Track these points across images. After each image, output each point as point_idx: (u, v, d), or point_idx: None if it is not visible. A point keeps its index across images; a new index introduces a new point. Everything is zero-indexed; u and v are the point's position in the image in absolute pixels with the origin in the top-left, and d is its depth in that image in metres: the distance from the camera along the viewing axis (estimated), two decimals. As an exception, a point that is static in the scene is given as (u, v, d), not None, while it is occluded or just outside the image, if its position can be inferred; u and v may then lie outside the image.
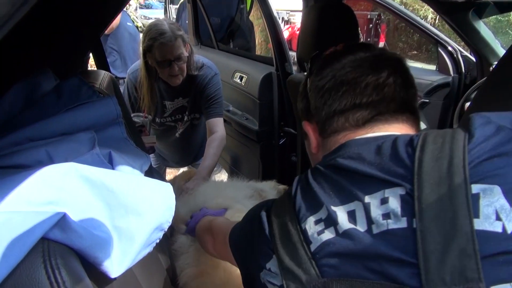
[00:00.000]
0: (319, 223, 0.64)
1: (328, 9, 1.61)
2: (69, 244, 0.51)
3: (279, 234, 0.68)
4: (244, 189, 1.64)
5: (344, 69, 0.76)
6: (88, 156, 0.68)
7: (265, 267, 0.69)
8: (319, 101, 0.78)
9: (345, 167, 0.66)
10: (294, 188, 0.71)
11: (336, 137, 0.77)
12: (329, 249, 0.61)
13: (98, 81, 1.33)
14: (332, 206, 0.63)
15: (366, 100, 0.74)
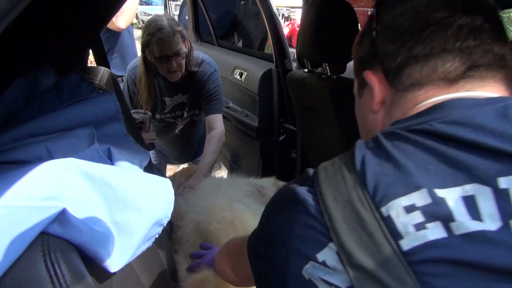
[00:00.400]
0: (413, 211, 0.46)
1: (327, 5, 1.60)
2: (68, 239, 0.52)
3: (341, 216, 0.50)
4: (244, 186, 1.64)
5: (431, 5, 0.60)
6: (87, 152, 0.68)
7: (315, 259, 0.51)
8: (394, 44, 0.61)
9: (454, 136, 0.48)
10: (358, 155, 0.53)
11: (416, 92, 0.59)
12: (437, 253, 0.45)
13: (97, 77, 1.33)
14: (436, 189, 0.46)
15: (461, 44, 0.57)
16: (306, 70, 1.87)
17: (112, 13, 1.70)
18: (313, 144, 2.12)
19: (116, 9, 1.75)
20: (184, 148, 2.47)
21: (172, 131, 2.29)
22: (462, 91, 0.57)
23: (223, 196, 1.51)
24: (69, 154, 0.66)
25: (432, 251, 0.44)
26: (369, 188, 0.49)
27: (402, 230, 0.46)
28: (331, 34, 1.58)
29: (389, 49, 0.62)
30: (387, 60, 0.63)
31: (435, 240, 0.44)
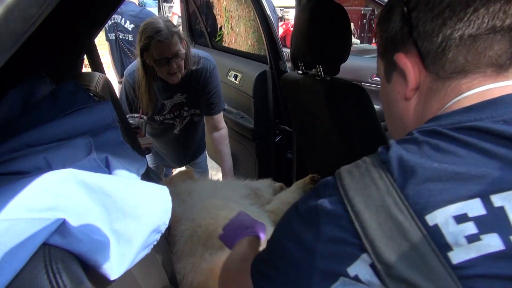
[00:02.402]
0: (465, 221, 0.42)
1: (320, 7, 1.62)
2: (69, 249, 0.53)
3: (375, 224, 0.45)
4: (240, 188, 1.66)
5: None
6: (85, 162, 0.69)
7: (346, 274, 0.46)
8: (433, 22, 0.53)
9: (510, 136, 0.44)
10: (394, 158, 0.48)
11: (459, 80, 0.53)
12: (494, 270, 0.40)
13: (93, 83, 1.33)
14: (492, 195, 0.42)
15: (511, 21, 0.49)
16: (300, 72, 1.88)
17: (107, 18, 1.71)
18: (308, 145, 2.14)
19: (110, 15, 1.75)
20: (183, 150, 2.46)
21: (171, 132, 2.27)
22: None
23: (219, 198, 1.52)
24: (67, 164, 0.67)
25: (488, 265, 0.40)
26: (409, 194, 0.45)
27: (452, 241, 0.42)
28: (324, 36, 1.60)
29: (427, 28, 0.54)
30: (425, 41, 0.54)
31: (490, 253, 0.40)
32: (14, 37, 0.30)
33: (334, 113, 1.66)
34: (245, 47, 3.21)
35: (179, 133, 2.28)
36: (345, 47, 1.62)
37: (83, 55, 1.79)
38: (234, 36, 3.35)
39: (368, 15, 7.01)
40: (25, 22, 0.30)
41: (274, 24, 2.44)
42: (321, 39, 1.61)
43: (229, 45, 3.36)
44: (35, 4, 0.29)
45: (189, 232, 1.36)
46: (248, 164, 2.72)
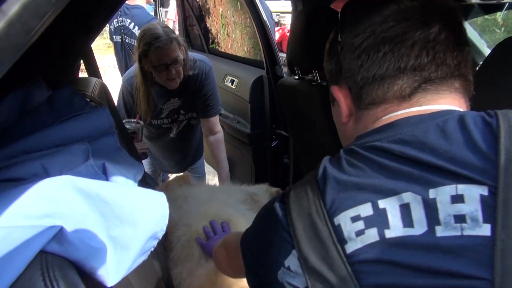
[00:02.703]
0: (357, 220, 0.53)
1: (316, 13, 1.63)
2: (66, 256, 0.53)
3: (301, 226, 0.57)
4: (236, 193, 1.66)
5: (387, 23, 0.61)
6: (82, 168, 0.69)
7: (284, 265, 0.59)
8: (354, 63, 0.64)
9: (398, 152, 0.54)
10: (322, 172, 0.59)
11: (375, 110, 0.64)
12: (371, 255, 0.52)
13: (89, 88, 1.33)
14: (378, 200, 0.53)
15: (413, 63, 0.60)
16: (296, 77, 1.89)
17: (104, 24, 1.71)
18: (305, 150, 2.14)
19: (107, 21, 1.76)
20: (181, 154, 2.45)
21: (167, 135, 2.27)
22: (416, 106, 0.61)
23: (216, 203, 1.52)
24: (64, 171, 0.67)
25: (368, 252, 0.52)
26: (327, 202, 0.56)
27: (347, 236, 0.54)
28: (320, 41, 1.60)
29: (351, 68, 0.65)
30: (350, 78, 0.66)
31: (369, 244, 0.52)
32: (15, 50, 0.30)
33: (330, 118, 1.67)
34: (241, 53, 3.23)
35: (176, 137, 2.27)
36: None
37: (80, 60, 1.79)
38: (230, 43, 3.37)
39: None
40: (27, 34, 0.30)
41: (270, 30, 2.45)
42: (317, 45, 1.61)
43: (225, 51, 3.37)
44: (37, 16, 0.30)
45: (185, 238, 1.36)
46: (245, 169, 2.72)
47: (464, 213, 0.48)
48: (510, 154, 0.48)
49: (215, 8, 3.35)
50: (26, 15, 0.29)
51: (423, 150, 0.53)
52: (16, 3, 0.28)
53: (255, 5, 2.34)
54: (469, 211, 0.48)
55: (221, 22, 3.35)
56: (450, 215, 0.49)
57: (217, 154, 2.25)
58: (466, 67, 0.63)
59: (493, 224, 0.47)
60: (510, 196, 0.46)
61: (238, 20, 3.20)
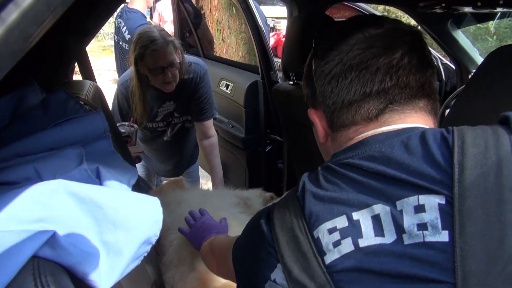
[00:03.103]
0: (334, 232, 0.57)
1: (311, 20, 1.64)
2: (58, 261, 0.52)
3: (284, 241, 0.61)
4: (229, 198, 1.66)
5: (352, 51, 0.66)
6: (76, 172, 0.69)
7: (270, 278, 0.62)
8: (326, 88, 0.69)
9: (367, 168, 0.59)
10: (301, 188, 0.63)
11: (347, 131, 0.68)
12: (348, 264, 0.55)
13: (83, 92, 1.33)
14: (353, 213, 0.57)
15: (378, 87, 0.65)
16: (291, 83, 1.90)
17: (99, 27, 1.70)
18: (299, 155, 2.15)
19: (102, 24, 1.75)
20: (176, 157, 2.42)
21: (161, 138, 2.25)
22: (384, 126, 0.65)
23: (209, 208, 1.52)
24: (57, 175, 0.66)
25: (344, 262, 0.56)
26: (306, 216, 0.60)
27: (325, 247, 0.57)
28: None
29: (324, 93, 0.70)
30: (322, 103, 0.71)
31: (345, 254, 0.56)
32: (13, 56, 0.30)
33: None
34: (236, 58, 3.23)
35: (170, 140, 2.26)
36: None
37: (74, 63, 1.78)
38: (225, 48, 3.37)
39: (358, 26, 7.09)
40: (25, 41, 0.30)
41: (266, 35, 2.46)
42: (312, 51, 1.63)
43: (220, 56, 3.38)
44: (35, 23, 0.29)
45: (178, 242, 1.36)
46: (239, 174, 2.72)
47: (426, 221, 0.52)
48: (462, 167, 0.52)
49: (210, 13, 3.35)
50: (25, 22, 0.29)
51: (389, 165, 0.57)
52: (15, 10, 0.28)
53: (251, 11, 2.35)
54: (430, 219, 0.52)
55: (216, 27, 3.36)
56: (413, 224, 0.53)
57: (211, 158, 2.24)
58: (430, 87, 0.68)
59: (451, 230, 0.51)
60: (464, 206, 0.51)
61: (233, 25, 3.21)
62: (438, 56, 2.53)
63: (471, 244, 0.50)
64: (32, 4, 0.29)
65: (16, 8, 0.28)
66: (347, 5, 2.50)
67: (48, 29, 0.38)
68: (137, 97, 1.94)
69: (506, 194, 0.50)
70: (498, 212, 0.50)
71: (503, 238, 0.49)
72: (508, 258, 0.48)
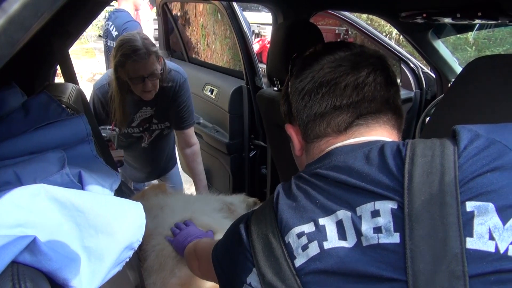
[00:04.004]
0: (302, 236, 0.61)
1: (295, 27, 1.66)
2: (38, 267, 0.51)
3: (260, 246, 0.65)
4: (213, 203, 1.66)
5: (323, 70, 0.73)
6: (57, 176, 0.68)
7: (245, 282, 0.66)
8: (300, 103, 0.76)
9: (332, 177, 0.64)
10: (276, 196, 0.68)
11: (319, 142, 0.75)
12: (314, 266, 0.60)
13: (66, 95, 1.31)
14: (319, 218, 0.61)
15: (347, 101, 0.71)
16: (275, 89, 1.91)
17: (82, 29, 1.69)
18: (282, 161, 2.16)
19: (85, 26, 1.74)
20: (153, 163, 2.40)
21: (139, 145, 2.22)
22: (352, 138, 0.71)
23: (192, 213, 1.51)
24: (38, 179, 0.65)
25: (312, 264, 0.60)
26: (279, 222, 0.64)
27: (296, 251, 0.61)
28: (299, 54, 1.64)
29: (298, 108, 0.77)
30: (297, 118, 0.77)
31: (312, 257, 0.60)
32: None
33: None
34: (221, 63, 3.23)
35: (148, 146, 2.23)
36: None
37: (56, 66, 1.75)
38: (210, 53, 3.37)
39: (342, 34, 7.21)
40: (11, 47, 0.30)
41: (250, 41, 2.47)
42: (297, 58, 1.64)
43: (205, 61, 3.37)
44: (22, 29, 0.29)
45: (160, 247, 1.35)
46: (222, 179, 2.71)
47: (380, 225, 0.57)
48: (411, 175, 0.58)
49: (195, 18, 3.35)
50: (11, 28, 0.28)
51: (351, 175, 0.62)
52: (2, 16, 0.28)
53: (236, 17, 2.36)
54: (384, 223, 0.57)
55: (201, 32, 3.36)
56: (370, 228, 0.57)
57: (194, 166, 2.22)
58: (395, 103, 0.75)
59: (402, 233, 0.55)
60: (412, 210, 0.55)
61: (218, 31, 3.21)
62: (419, 65, 2.59)
63: (419, 245, 0.54)
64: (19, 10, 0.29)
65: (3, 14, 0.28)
66: (331, 13, 2.54)
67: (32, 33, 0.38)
68: (117, 103, 1.90)
69: (448, 198, 0.54)
70: (441, 215, 0.54)
71: (446, 238, 0.53)
72: (451, 257, 0.52)
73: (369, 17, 7.34)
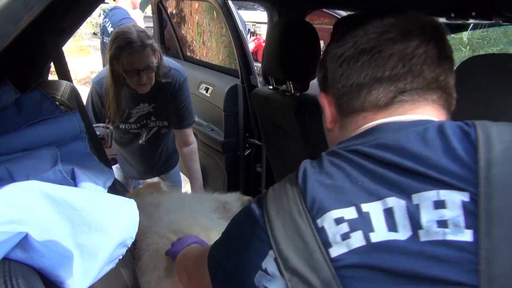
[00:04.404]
0: (341, 222, 0.53)
1: (291, 26, 1.66)
2: (31, 264, 0.51)
3: (280, 226, 0.56)
4: (208, 202, 1.65)
5: (367, 35, 0.64)
6: (50, 173, 0.68)
7: (261, 267, 0.57)
8: (337, 71, 0.68)
9: (380, 157, 0.55)
10: (302, 171, 0.59)
11: (356, 117, 0.66)
12: (357, 260, 0.51)
13: (59, 92, 1.30)
14: (362, 204, 0.53)
15: (389, 73, 0.62)
16: (270, 87, 1.91)
17: (76, 26, 1.68)
18: (277, 159, 2.16)
19: (80, 23, 1.73)
20: (151, 161, 2.38)
21: (136, 142, 2.22)
22: (395, 115, 0.62)
23: (187, 212, 1.51)
24: (31, 176, 0.65)
25: (353, 257, 0.52)
26: (308, 202, 0.55)
27: (332, 239, 0.53)
28: (294, 53, 1.64)
29: (334, 76, 0.69)
30: (332, 87, 0.70)
31: (355, 248, 0.52)
32: (-11, 54, 0.30)
33: (303, 128, 1.70)
34: (216, 61, 3.23)
35: (145, 143, 2.22)
36: (315, 65, 1.66)
37: (50, 63, 1.74)
38: (206, 51, 3.37)
39: (337, 33, 7.21)
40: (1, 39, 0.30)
41: (246, 39, 2.47)
42: (292, 57, 1.65)
43: (200, 59, 3.37)
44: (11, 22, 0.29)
45: (155, 246, 1.34)
46: (217, 177, 2.71)
47: (447, 219, 0.49)
48: (490, 163, 0.49)
49: (191, 16, 3.35)
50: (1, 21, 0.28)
51: (404, 156, 0.54)
52: (-9, 9, 0.28)
53: (231, 15, 2.36)
54: (451, 217, 0.49)
55: (196, 30, 3.35)
56: (432, 220, 0.49)
57: (190, 165, 2.23)
58: (446, 81, 0.64)
59: (475, 230, 0.47)
60: (492, 205, 0.47)
61: (214, 29, 3.21)
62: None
63: (498, 246, 0.46)
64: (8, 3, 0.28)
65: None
66: (326, 12, 2.54)
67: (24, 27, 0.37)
68: (111, 96, 1.90)
69: None
70: None
71: None
72: None
73: (364, 17, 7.32)
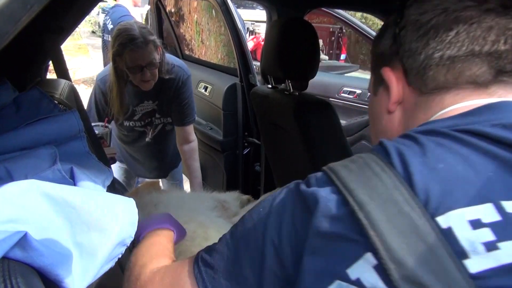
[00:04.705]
0: (480, 226, 0.39)
1: (290, 25, 1.66)
2: (30, 263, 0.51)
3: (383, 218, 0.41)
4: (206, 200, 1.65)
5: (463, 2, 0.55)
6: (49, 172, 0.68)
7: (344, 277, 0.42)
8: (419, 41, 0.57)
9: (508, 140, 0.43)
10: (396, 152, 0.46)
11: (442, 95, 0.56)
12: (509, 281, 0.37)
13: (58, 91, 1.30)
14: (502, 201, 0.40)
15: (488, 48, 0.53)
16: (269, 86, 1.91)
17: (75, 25, 1.67)
18: (276, 158, 2.16)
19: (78, 22, 1.72)
20: (159, 159, 2.38)
21: (142, 140, 2.22)
22: (495, 97, 0.53)
23: (186, 210, 1.51)
24: (30, 175, 0.65)
25: (505, 276, 0.38)
26: (418, 192, 0.42)
27: (469, 248, 0.39)
28: (293, 52, 1.64)
29: (413, 46, 0.58)
30: (409, 58, 0.59)
31: (508, 264, 0.38)
32: (-13, 54, 0.30)
33: (302, 127, 1.70)
34: (215, 60, 3.23)
35: (152, 141, 2.23)
36: (314, 64, 1.67)
37: (49, 61, 1.74)
38: (204, 50, 3.37)
39: (337, 32, 7.24)
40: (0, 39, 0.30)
41: (245, 38, 2.47)
42: (291, 55, 1.65)
43: (199, 58, 3.37)
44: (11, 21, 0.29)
45: None
46: (216, 176, 2.71)
47: None
48: None
49: (189, 15, 3.34)
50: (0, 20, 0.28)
51: None
52: (-9, 8, 0.28)
53: (230, 14, 2.36)
54: None
55: (195, 29, 3.35)
56: None
57: (190, 163, 2.23)
58: None
59: None
60: None
61: (212, 27, 3.21)
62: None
63: None
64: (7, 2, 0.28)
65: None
66: (325, 11, 2.54)
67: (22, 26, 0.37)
68: (115, 93, 1.90)
69: None
70: None
71: None
72: None
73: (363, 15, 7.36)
